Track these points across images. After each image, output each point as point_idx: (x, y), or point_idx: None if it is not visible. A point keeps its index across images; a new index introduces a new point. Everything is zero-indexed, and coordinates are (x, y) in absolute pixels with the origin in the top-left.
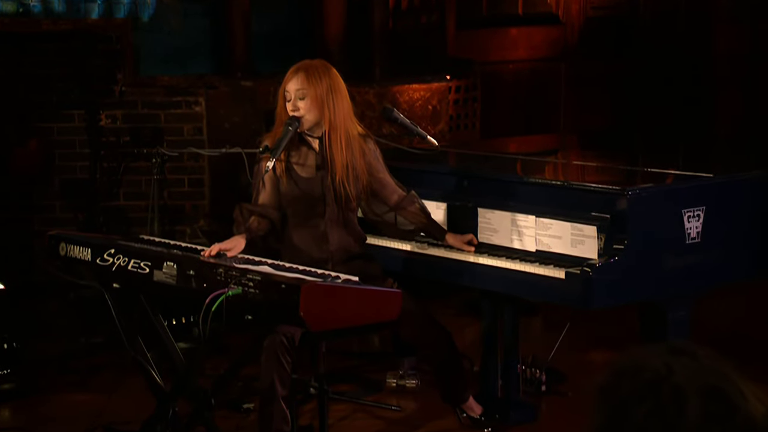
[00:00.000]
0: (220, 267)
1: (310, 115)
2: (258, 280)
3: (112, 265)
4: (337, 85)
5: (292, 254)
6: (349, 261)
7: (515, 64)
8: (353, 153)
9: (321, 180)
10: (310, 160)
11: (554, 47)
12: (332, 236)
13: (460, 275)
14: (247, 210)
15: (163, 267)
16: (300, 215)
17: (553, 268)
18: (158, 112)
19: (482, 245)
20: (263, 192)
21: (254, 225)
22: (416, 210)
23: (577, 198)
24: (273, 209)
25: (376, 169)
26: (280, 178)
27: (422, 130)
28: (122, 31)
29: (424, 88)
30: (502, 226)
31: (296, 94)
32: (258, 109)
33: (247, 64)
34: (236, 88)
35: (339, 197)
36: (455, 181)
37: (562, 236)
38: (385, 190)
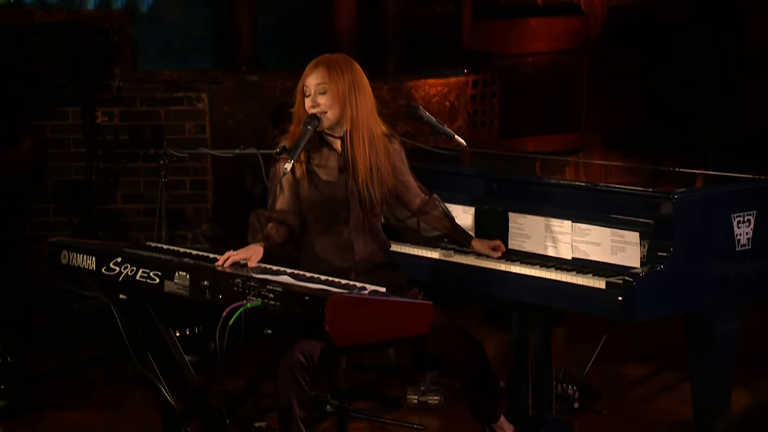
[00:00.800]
0: (237, 277)
1: (331, 113)
2: (279, 292)
3: (119, 275)
4: (360, 81)
5: (313, 263)
6: (373, 270)
7: (534, 57)
8: (377, 154)
9: (344, 183)
10: (332, 162)
11: (576, 39)
12: (357, 244)
13: (490, 285)
14: (264, 216)
15: (174, 277)
16: (322, 221)
17: (592, 278)
18: (158, 109)
19: (513, 252)
20: (281, 197)
21: (272, 232)
22: (439, 214)
23: (617, 202)
24: (292, 215)
25: (400, 171)
26: (299, 181)
27: (449, 129)
28: (120, 23)
29: (441, 83)
30: (535, 232)
31: (316, 89)
32: (264, 106)
33: (252, 58)
34: (241, 84)
35: (363, 202)
36: (483, 183)
37: (601, 243)
38: (408, 194)
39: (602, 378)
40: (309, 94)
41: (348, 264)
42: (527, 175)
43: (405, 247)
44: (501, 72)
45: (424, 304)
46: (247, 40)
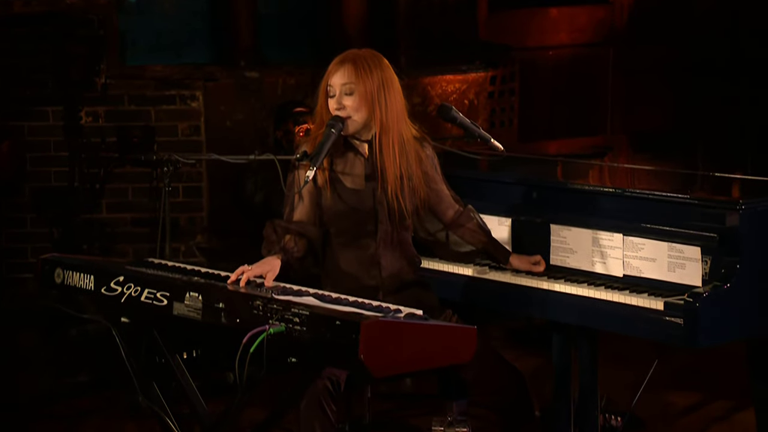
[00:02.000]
0: (256, 299)
1: (358, 115)
2: (305, 316)
3: (121, 296)
4: (390, 79)
5: (336, 280)
6: (401, 289)
7: (556, 50)
8: (408, 160)
9: (371, 192)
10: (358, 169)
11: (600, 30)
12: (385, 259)
13: (530, 305)
14: (281, 227)
15: (185, 298)
16: (346, 234)
17: (647, 298)
18: (148, 108)
19: (556, 269)
20: (300, 206)
21: (290, 245)
22: (474, 227)
23: (676, 213)
24: (312, 227)
25: (433, 179)
26: (321, 190)
27: (485, 132)
28: (106, 14)
29: (459, 80)
30: (581, 247)
31: (342, 89)
32: (265, 105)
33: (252, 52)
34: (240, 80)
35: (392, 213)
36: (521, 191)
37: (656, 259)
38: (441, 205)
39: (646, 406)
40: (333, 95)
41: (375, 281)
42: (571, 182)
43: (434, 263)
44: (520, 67)
45: (467, 329)
46: (246, 32)
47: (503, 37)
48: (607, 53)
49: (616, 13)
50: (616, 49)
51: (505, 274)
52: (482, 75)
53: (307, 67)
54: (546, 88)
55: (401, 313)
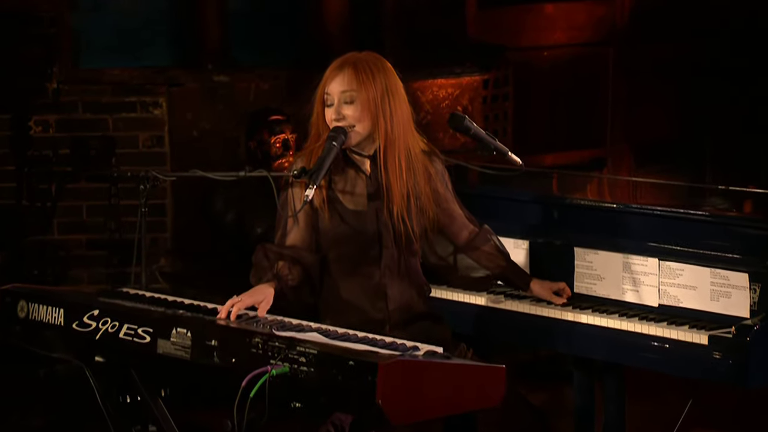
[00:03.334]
0: (255, 335)
1: (361, 126)
2: (313, 355)
3: (96, 332)
4: (395, 87)
5: (337, 313)
6: (411, 322)
7: (551, 50)
8: (416, 177)
9: (375, 213)
10: (360, 188)
11: (600, 28)
12: (391, 289)
13: (552, 338)
14: (274, 252)
15: (171, 335)
16: (348, 261)
17: (688, 331)
18: (105, 117)
19: (581, 298)
20: (294, 229)
21: (284, 272)
22: (492, 250)
23: (718, 234)
24: (308, 253)
25: (444, 197)
26: (318, 211)
27: (501, 144)
28: (58, 11)
29: (452, 84)
30: (610, 273)
31: (341, 97)
32: (236, 112)
33: (221, 54)
34: (207, 85)
35: (399, 236)
36: (541, 210)
37: (697, 286)
38: (453, 225)
39: None
40: (332, 104)
41: (381, 314)
42: (600, 200)
43: (441, 291)
44: (514, 69)
45: (495, 368)
46: (214, 31)
47: (495, 37)
48: (607, 53)
49: (617, 9)
50: (617, 49)
51: (523, 304)
52: (477, 79)
53: (283, 70)
54: (542, 92)
55: (419, 350)
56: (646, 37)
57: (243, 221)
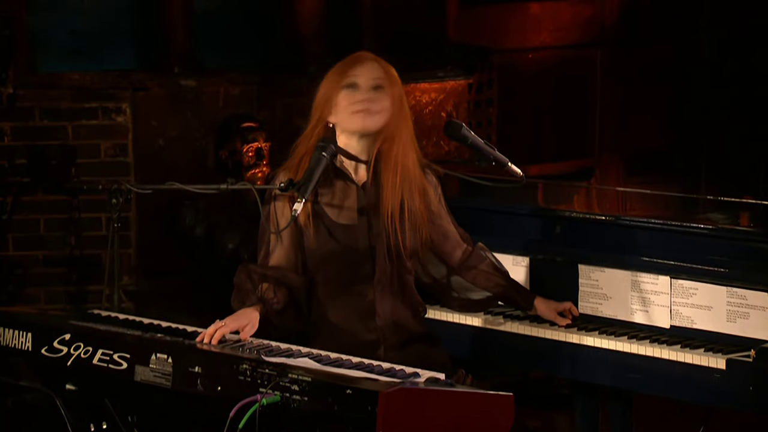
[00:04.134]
0: (243, 361)
1: (380, 120)
2: (306, 382)
3: (67, 358)
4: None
5: (327, 336)
6: (406, 345)
7: (537, 52)
8: (411, 190)
9: (367, 227)
10: (350, 200)
11: (587, 29)
12: (383, 307)
13: (555, 362)
14: (258, 274)
15: (150, 361)
16: (338, 281)
17: (704, 354)
18: (64, 123)
19: (587, 319)
20: (278, 248)
21: (269, 295)
22: (488, 269)
23: (736, 250)
24: (293, 274)
25: (437, 214)
26: (303, 228)
27: (501, 154)
28: (13, 10)
29: (435, 89)
30: (618, 292)
31: (371, 83)
32: (205, 119)
33: (188, 56)
34: (174, 90)
35: (392, 250)
36: (541, 224)
37: (713, 306)
38: (446, 244)
39: None
40: (358, 87)
41: (373, 335)
42: (605, 214)
43: (434, 311)
44: (498, 72)
45: (503, 396)
46: (180, 33)
47: (477, 38)
48: (595, 55)
49: (606, 8)
50: (606, 51)
51: (523, 325)
52: (461, 83)
53: (254, 73)
54: (527, 97)
55: (420, 377)
56: (637, 38)
57: (213, 236)
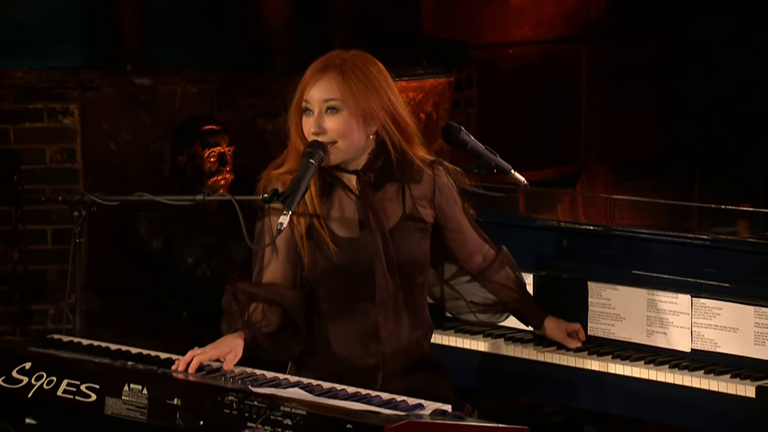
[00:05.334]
0: (228, 392)
1: (345, 142)
2: (301, 416)
3: (28, 389)
4: (395, 92)
5: (323, 358)
6: (409, 372)
7: (517, 47)
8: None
9: (368, 240)
10: (350, 211)
11: (572, 23)
12: (385, 329)
13: (564, 389)
14: (245, 294)
15: (122, 392)
16: (339, 297)
17: (730, 381)
18: (5, 126)
19: (597, 341)
20: (273, 262)
21: (257, 317)
22: (508, 282)
23: (764, 266)
24: (289, 290)
25: (451, 216)
26: (302, 240)
27: (503, 161)
28: None
29: (414, 87)
30: (632, 312)
31: (323, 106)
32: (160, 121)
33: (141, 52)
34: (126, 89)
35: (392, 266)
36: (547, 237)
37: (739, 328)
38: (463, 249)
39: None
40: (311, 112)
41: (373, 360)
42: (617, 225)
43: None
44: (478, 70)
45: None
46: (133, 26)
47: (452, 32)
48: (581, 51)
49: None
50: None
51: (527, 349)
52: (442, 81)
53: (214, 71)
54: (508, 96)
55: (424, 409)
56: (626, 32)
57: (171, 250)
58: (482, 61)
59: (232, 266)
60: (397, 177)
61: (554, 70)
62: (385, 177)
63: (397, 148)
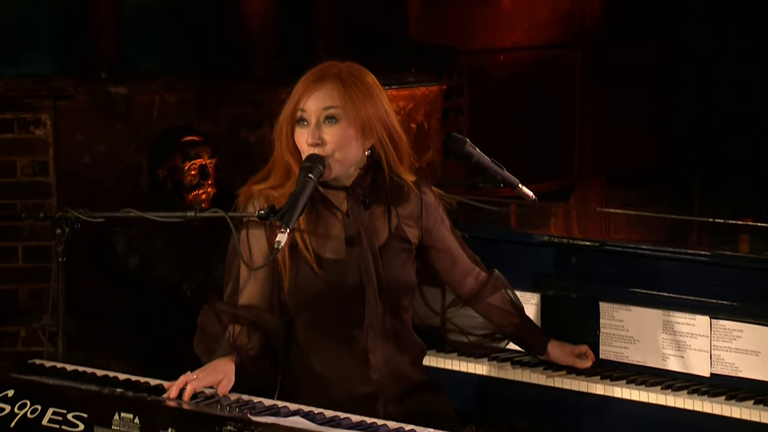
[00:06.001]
0: (226, 422)
1: (342, 153)
2: None
3: (10, 418)
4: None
5: (314, 390)
6: (407, 396)
7: (509, 53)
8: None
9: (356, 261)
10: (336, 229)
11: (566, 27)
12: (374, 354)
13: (574, 416)
14: (228, 314)
15: (112, 422)
16: (324, 324)
17: (753, 407)
18: None
19: (609, 365)
20: (251, 284)
21: (242, 340)
22: (503, 305)
23: None
24: (269, 315)
25: (439, 237)
26: (282, 262)
27: (510, 175)
28: None
29: (404, 95)
30: (647, 334)
31: (321, 115)
32: (138, 132)
33: (117, 59)
34: (101, 98)
35: (383, 289)
36: (554, 254)
37: (761, 351)
38: (453, 272)
39: None
40: (306, 123)
41: (371, 388)
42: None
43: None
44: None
45: None
46: (108, 32)
47: (440, 36)
48: (575, 56)
49: (586, 3)
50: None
51: (535, 373)
52: (433, 89)
53: (194, 78)
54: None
55: None
56: (622, 37)
57: (150, 267)
58: (473, 67)
59: (213, 287)
60: (386, 197)
61: (547, 77)
62: (374, 195)
63: (391, 166)
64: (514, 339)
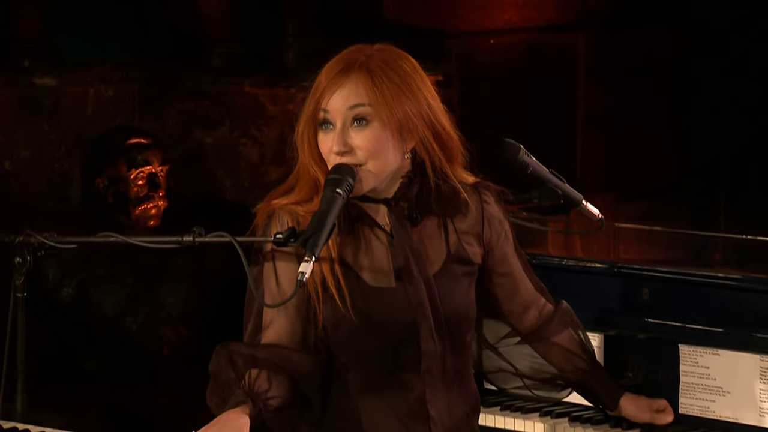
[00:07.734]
0: None
1: (376, 163)
2: None
3: None
4: (434, 97)
5: None
6: None
7: (500, 36)
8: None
9: (408, 292)
10: (380, 252)
11: (565, 8)
12: (435, 405)
13: None
14: (244, 357)
15: None
16: (373, 368)
17: None
18: None
19: (694, 423)
20: (279, 320)
21: (261, 386)
22: (570, 345)
23: None
24: (297, 354)
25: (503, 256)
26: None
27: (573, 189)
28: None
29: None
30: (738, 383)
31: (348, 116)
32: (68, 132)
33: (42, 46)
34: (25, 92)
35: (441, 324)
36: (621, 286)
37: None
38: (514, 300)
39: None
40: (331, 126)
41: None
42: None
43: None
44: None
45: None
46: (32, 13)
47: (421, 18)
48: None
49: None
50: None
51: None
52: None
53: (135, 68)
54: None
55: None
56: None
57: (87, 297)
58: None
59: (165, 319)
60: (437, 208)
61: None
62: (423, 208)
63: (438, 171)
64: (579, 389)
